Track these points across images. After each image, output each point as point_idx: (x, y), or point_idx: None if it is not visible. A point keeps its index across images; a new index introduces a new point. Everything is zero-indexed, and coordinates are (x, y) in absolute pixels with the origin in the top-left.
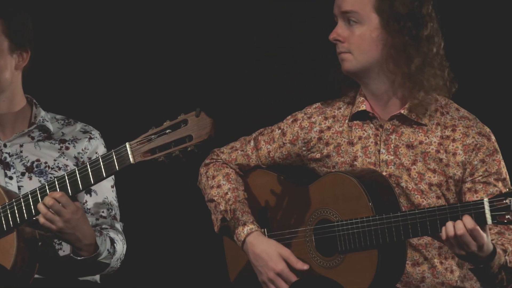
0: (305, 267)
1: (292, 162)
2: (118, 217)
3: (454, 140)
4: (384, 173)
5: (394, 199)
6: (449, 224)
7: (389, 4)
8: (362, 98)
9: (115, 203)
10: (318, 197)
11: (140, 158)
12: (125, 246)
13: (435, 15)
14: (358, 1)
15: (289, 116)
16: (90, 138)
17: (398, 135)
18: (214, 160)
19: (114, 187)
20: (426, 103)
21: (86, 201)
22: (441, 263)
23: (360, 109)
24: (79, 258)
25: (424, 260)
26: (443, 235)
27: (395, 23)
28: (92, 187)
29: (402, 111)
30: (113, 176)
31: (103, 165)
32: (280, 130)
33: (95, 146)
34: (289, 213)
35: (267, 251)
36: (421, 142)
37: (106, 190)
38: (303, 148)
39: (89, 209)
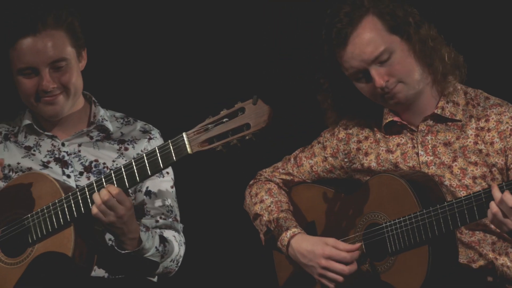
0: (355, 247)
1: (337, 175)
2: (178, 218)
3: (489, 130)
4: None
5: (439, 192)
6: (492, 203)
7: (392, 17)
8: (386, 110)
9: (175, 204)
10: (365, 203)
11: (198, 148)
12: (182, 248)
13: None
14: (377, 39)
15: (326, 130)
16: (150, 138)
17: (434, 135)
18: (257, 180)
19: (174, 188)
20: (457, 96)
21: (146, 203)
22: (496, 259)
23: (388, 121)
24: (123, 252)
25: (479, 256)
26: (489, 214)
27: (408, 29)
28: (152, 189)
29: (436, 111)
30: (172, 176)
31: (160, 155)
32: (320, 144)
33: (155, 146)
34: (337, 222)
35: (312, 243)
36: (458, 138)
37: (166, 191)
38: (345, 160)
39: (149, 211)
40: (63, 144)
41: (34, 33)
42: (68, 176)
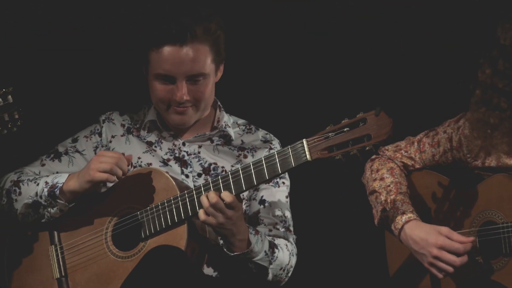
0: (469, 239)
1: (458, 167)
2: (291, 228)
3: None
4: None
5: None
6: None
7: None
8: None
9: (289, 214)
10: (484, 199)
11: (317, 155)
12: (293, 258)
13: None
14: None
15: (453, 119)
16: (270, 148)
17: None
18: (380, 156)
19: (288, 198)
20: None
21: (260, 212)
22: None
23: None
24: (232, 254)
25: None
26: None
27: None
28: (266, 198)
29: None
30: (288, 185)
31: (278, 160)
32: (446, 134)
33: None
34: (452, 214)
35: (426, 231)
36: None
37: (281, 200)
38: (468, 155)
39: (262, 220)
40: (184, 144)
41: (181, 43)
42: (187, 176)
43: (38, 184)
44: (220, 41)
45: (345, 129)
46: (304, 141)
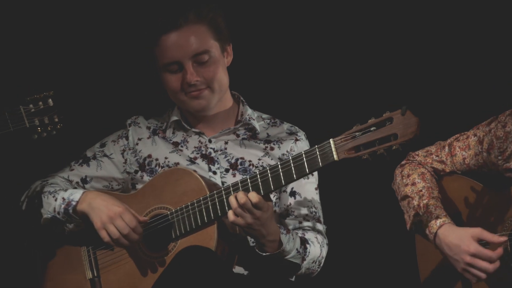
0: (502, 239)
1: (488, 171)
2: (321, 219)
3: None
4: None
5: None
6: None
7: None
8: None
9: (318, 205)
10: None
11: (344, 155)
12: (324, 249)
13: None
14: None
15: (484, 122)
16: (296, 140)
17: None
18: (410, 161)
19: (318, 190)
20: None
21: (290, 203)
22: None
23: None
24: (264, 254)
25: None
26: None
27: None
28: (297, 190)
29: None
30: (316, 177)
31: (306, 160)
32: (476, 137)
33: (300, 148)
34: (484, 218)
35: (459, 237)
36: None
37: (310, 192)
38: (499, 157)
39: (293, 211)
40: (210, 141)
41: (176, 28)
42: (214, 173)
43: (56, 200)
44: (217, 21)
45: (372, 129)
46: (331, 141)
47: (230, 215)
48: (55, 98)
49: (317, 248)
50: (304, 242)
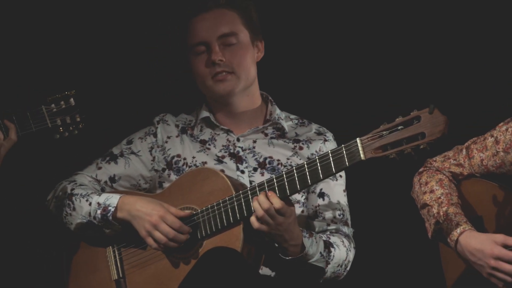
0: None
1: (507, 171)
2: (349, 222)
3: None
4: None
5: None
6: None
7: None
8: None
9: (346, 208)
10: None
11: (371, 154)
12: (351, 253)
13: None
14: None
15: (502, 123)
16: (325, 140)
17: None
18: (427, 168)
19: (346, 192)
20: None
21: (318, 205)
22: None
23: None
24: (287, 258)
25: None
26: None
27: None
28: (325, 191)
29: None
30: (344, 180)
31: (332, 160)
32: (493, 138)
33: (329, 149)
34: (505, 220)
35: (481, 242)
36: None
37: (338, 194)
38: None
39: (321, 213)
40: (238, 140)
41: (206, 10)
42: (242, 172)
43: (90, 204)
44: (249, 11)
45: (399, 127)
46: (358, 140)
47: (254, 221)
48: (76, 98)
49: (343, 251)
50: (328, 245)
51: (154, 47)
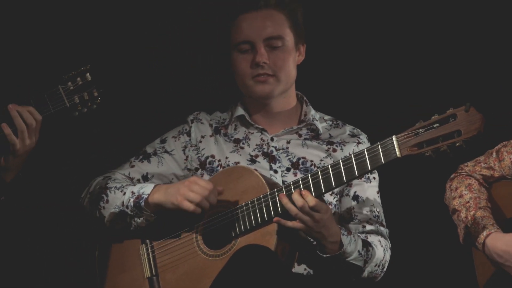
0: None
1: None
2: (384, 223)
3: None
4: None
5: None
6: None
7: None
8: None
9: (381, 209)
10: None
11: (407, 152)
12: (388, 253)
13: None
14: None
15: None
16: (359, 142)
17: None
18: (458, 174)
19: (379, 194)
20: None
21: (353, 207)
22: None
23: None
24: (324, 255)
25: None
26: None
27: None
28: (359, 194)
29: None
30: (377, 182)
31: (368, 157)
32: None
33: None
34: None
35: (505, 243)
36: None
37: (372, 195)
38: None
39: (356, 215)
40: (272, 139)
41: (255, 9)
42: (275, 172)
43: (124, 194)
44: (296, 14)
45: (435, 125)
46: (394, 137)
47: (287, 221)
48: (92, 72)
49: (380, 251)
50: (366, 244)
51: (193, 41)
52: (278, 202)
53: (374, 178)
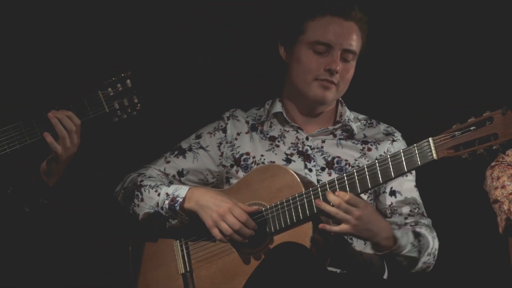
0: None
1: None
2: (425, 213)
3: None
4: None
5: None
6: None
7: None
8: None
9: (420, 201)
10: None
11: (443, 154)
12: (436, 241)
13: None
14: None
15: None
16: (393, 140)
17: None
18: (499, 163)
19: (417, 187)
20: None
21: (392, 203)
22: None
23: None
24: (380, 253)
25: None
26: None
27: None
28: (396, 188)
29: None
30: (414, 176)
31: (404, 159)
32: None
33: (397, 149)
34: None
35: None
36: None
37: (410, 189)
38: None
39: (396, 210)
40: (307, 138)
41: (345, 17)
42: (310, 170)
43: (159, 194)
44: (366, 33)
45: (472, 128)
46: (431, 139)
47: (332, 226)
48: (133, 79)
49: (430, 239)
50: (417, 235)
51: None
52: (313, 201)
53: (410, 173)
